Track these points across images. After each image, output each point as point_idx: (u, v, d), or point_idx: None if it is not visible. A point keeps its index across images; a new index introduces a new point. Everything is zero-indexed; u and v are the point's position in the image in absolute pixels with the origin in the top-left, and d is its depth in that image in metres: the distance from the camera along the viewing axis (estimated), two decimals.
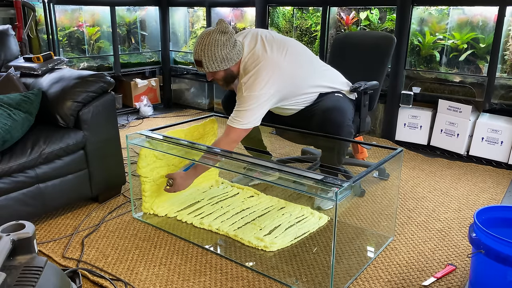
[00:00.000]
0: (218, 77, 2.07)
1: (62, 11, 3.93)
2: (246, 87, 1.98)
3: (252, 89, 1.96)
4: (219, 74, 2.05)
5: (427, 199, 2.38)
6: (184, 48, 4.60)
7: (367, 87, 2.25)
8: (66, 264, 1.76)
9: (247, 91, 1.97)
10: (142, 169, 2.07)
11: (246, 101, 1.97)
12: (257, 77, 1.97)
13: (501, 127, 2.88)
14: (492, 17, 2.92)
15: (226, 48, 1.97)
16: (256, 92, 1.96)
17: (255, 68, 1.99)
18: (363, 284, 1.65)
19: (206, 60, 1.98)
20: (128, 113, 4.28)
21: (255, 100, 1.96)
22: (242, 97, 1.98)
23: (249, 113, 1.97)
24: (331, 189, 1.48)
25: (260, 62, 2.00)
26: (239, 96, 2.00)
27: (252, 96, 1.96)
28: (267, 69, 1.98)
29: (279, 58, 2.03)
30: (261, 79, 1.97)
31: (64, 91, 2.14)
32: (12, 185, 1.87)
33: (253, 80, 1.97)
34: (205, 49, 1.96)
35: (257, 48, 2.05)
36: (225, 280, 1.66)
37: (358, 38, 2.69)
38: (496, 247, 1.39)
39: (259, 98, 1.97)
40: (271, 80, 1.98)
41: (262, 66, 1.99)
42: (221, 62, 1.98)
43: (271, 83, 1.98)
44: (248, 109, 1.96)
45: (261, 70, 1.98)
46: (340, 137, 2.08)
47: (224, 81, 2.09)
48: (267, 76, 1.97)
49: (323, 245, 1.91)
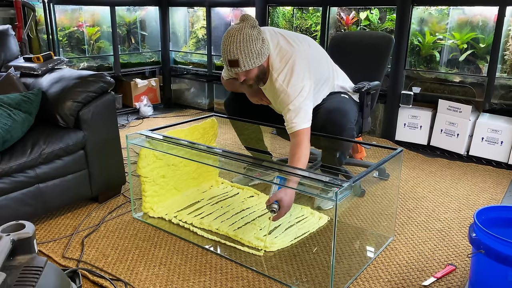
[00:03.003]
0: (252, 76, 1.94)
1: (62, 11, 3.93)
2: (287, 82, 1.93)
3: (294, 82, 1.93)
4: (253, 72, 1.93)
5: (427, 199, 2.38)
6: (184, 48, 4.60)
7: (370, 88, 2.25)
8: (66, 264, 1.76)
9: (289, 86, 1.92)
10: (142, 169, 2.07)
11: (294, 95, 1.92)
12: (294, 70, 1.93)
13: (501, 127, 2.88)
14: (492, 17, 2.92)
15: (259, 42, 1.88)
16: (299, 84, 1.93)
17: (289, 61, 1.95)
18: (363, 284, 1.65)
19: (243, 58, 1.85)
20: (128, 113, 4.28)
21: (301, 92, 1.93)
22: (286, 93, 1.93)
23: (303, 110, 1.92)
24: (331, 189, 1.48)
25: (291, 56, 1.95)
26: (282, 94, 1.94)
27: (297, 88, 1.92)
28: (300, 61, 1.95)
29: (306, 49, 2.02)
30: (299, 71, 1.94)
31: (64, 91, 2.14)
32: (12, 185, 1.87)
33: (291, 73, 1.93)
34: (240, 47, 1.83)
35: (282, 44, 2.00)
36: (225, 280, 1.66)
37: (357, 38, 2.68)
38: (496, 247, 1.39)
39: (304, 89, 1.93)
40: (308, 70, 1.96)
41: (295, 59, 1.95)
42: (256, 58, 1.88)
43: (309, 74, 1.96)
44: (302, 106, 1.92)
45: (296, 63, 1.94)
46: (341, 138, 2.08)
47: (256, 79, 1.98)
48: (303, 67, 1.95)
49: (323, 245, 1.91)
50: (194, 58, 4.51)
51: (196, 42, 4.49)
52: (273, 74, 1.97)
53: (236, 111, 2.39)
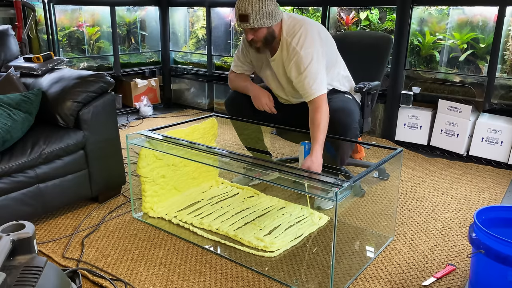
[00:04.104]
0: (260, 36, 2.02)
1: (62, 11, 3.93)
2: (301, 45, 2.02)
3: (307, 45, 2.02)
4: (262, 32, 2.01)
5: (427, 199, 2.38)
6: (184, 48, 4.60)
7: (371, 88, 2.26)
8: (66, 264, 1.76)
9: (303, 49, 2.01)
10: (142, 169, 2.07)
11: (307, 59, 2.01)
12: (307, 35, 2.03)
13: (501, 127, 2.88)
14: (492, 17, 2.92)
15: (272, 5, 1.98)
16: (312, 48, 2.02)
17: (301, 27, 2.05)
18: (363, 284, 1.65)
19: (253, 14, 1.94)
20: (128, 113, 4.28)
21: (315, 55, 2.02)
22: (300, 56, 2.02)
23: (319, 76, 2.02)
24: (331, 189, 1.48)
25: (304, 23, 2.06)
26: (296, 57, 2.03)
27: (310, 52, 2.02)
28: (313, 28, 2.07)
29: (318, 24, 2.14)
30: (312, 36, 2.04)
31: (64, 91, 2.14)
32: (12, 185, 1.87)
33: (304, 37, 2.03)
34: (253, 3, 1.93)
35: (295, 15, 2.13)
36: (225, 280, 1.66)
37: (356, 38, 2.69)
38: (496, 247, 1.39)
39: (317, 54, 2.03)
40: (320, 39, 2.07)
41: (308, 27, 2.06)
42: (267, 18, 1.97)
43: (320, 41, 2.07)
44: (317, 73, 2.01)
45: (308, 30, 2.05)
46: (342, 138, 2.08)
47: (264, 41, 2.04)
48: (315, 34, 2.06)
49: (323, 245, 1.91)
50: (194, 58, 4.51)
51: (196, 42, 4.49)
52: (286, 38, 2.05)
53: (237, 110, 2.39)
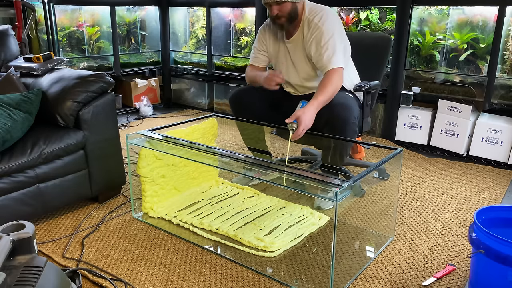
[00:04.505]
0: (285, 10, 2.11)
1: (62, 11, 3.93)
2: (322, 21, 2.13)
3: (329, 22, 2.13)
4: (287, 6, 2.10)
5: (427, 199, 2.38)
6: (184, 48, 4.60)
7: (370, 87, 2.27)
8: (66, 264, 1.76)
9: (324, 25, 2.12)
10: (142, 169, 2.07)
11: (328, 33, 2.11)
12: (329, 14, 2.17)
13: (501, 127, 2.88)
14: (492, 17, 2.92)
15: None
16: (332, 26, 2.13)
17: (324, 9, 2.19)
18: (363, 284, 1.65)
19: None
20: (128, 113, 4.28)
21: (336, 31, 2.13)
22: (321, 30, 2.12)
23: (338, 50, 2.11)
24: (331, 189, 1.48)
25: (326, 8, 2.21)
26: (317, 31, 2.13)
27: (331, 28, 2.12)
28: (334, 14, 2.23)
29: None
30: (333, 17, 2.19)
31: (64, 91, 2.14)
32: (12, 185, 1.87)
33: (326, 16, 2.15)
34: None
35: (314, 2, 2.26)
36: (225, 280, 1.66)
37: (356, 39, 2.69)
38: (496, 247, 1.39)
39: (339, 31, 2.15)
40: (340, 23, 2.21)
41: (330, 10, 2.21)
42: None
43: (340, 24, 2.20)
44: (337, 47, 2.10)
45: (330, 12, 2.20)
46: (341, 137, 2.08)
47: (288, 16, 2.13)
48: (336, 18, 2.21)
49: (323, 245, 1.91)
50: (194, 58, 4.51)
51: (196, 42, 4.49)
52: (308, 17, 2.17)
53: (241, 106, 2.40)
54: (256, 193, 2.38)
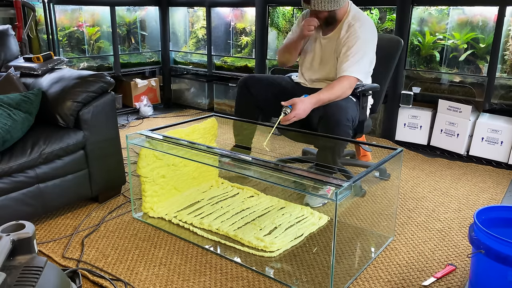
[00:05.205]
0: (321, 17, 2.21)
1: (62, 11, 3.93)
2: (362, 31, 2.17)
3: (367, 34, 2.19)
4: (323, 14, 2.20)
5: (427, 199, 2.38)
6: (184, 48, 4.60)
7: (365, 89, 2.24)
8: (66, 264, 1.76)
9: (363, 33, 2.17)
10: (142, 169, 2.07)
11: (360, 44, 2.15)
12: (372, 27, 2.23)
13: (501, 127, 2.88)
14: (492, 17, 2.92)
15: None
16: (370, 38, 2.20)
17: (368, 21, 2.24)
18: (363, 284, 1.65)
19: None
20: (128, 113, 4.28)
21: (370, 45, 2.20)
22: (356, 36, 2.16)
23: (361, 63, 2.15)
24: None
25: (371, 21, 2.27)
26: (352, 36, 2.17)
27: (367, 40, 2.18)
28: (375, 29, 2.28)
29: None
30: (374, 31, 2.25)
31: (64, 91, 2.14)
32: (12, 185, 1.87)
33: (368, 27, 2.21)
34: None
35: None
36: (225, 280, 1.66)
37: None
38: (496, 247, 1.39)
39: (372, 46, 2.22)
40: (375, 39, 2.26)
41: (373, 24, 2.26)
42: (329, 2, 2.13)
43: (374, 41, 2.25)
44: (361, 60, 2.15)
45: (373, 25, 2.26)
46: (339, 137, 2.08)
47: (325, 21, 2.23)
48: (376, 34, 2.27)
49: (323, 245, 1.91)
50: (194, 58, 4.51)
51: (196, 42, 4.49)
52: (350, 21, 2.21)
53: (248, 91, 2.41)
54: (256, 193, 2.38)
